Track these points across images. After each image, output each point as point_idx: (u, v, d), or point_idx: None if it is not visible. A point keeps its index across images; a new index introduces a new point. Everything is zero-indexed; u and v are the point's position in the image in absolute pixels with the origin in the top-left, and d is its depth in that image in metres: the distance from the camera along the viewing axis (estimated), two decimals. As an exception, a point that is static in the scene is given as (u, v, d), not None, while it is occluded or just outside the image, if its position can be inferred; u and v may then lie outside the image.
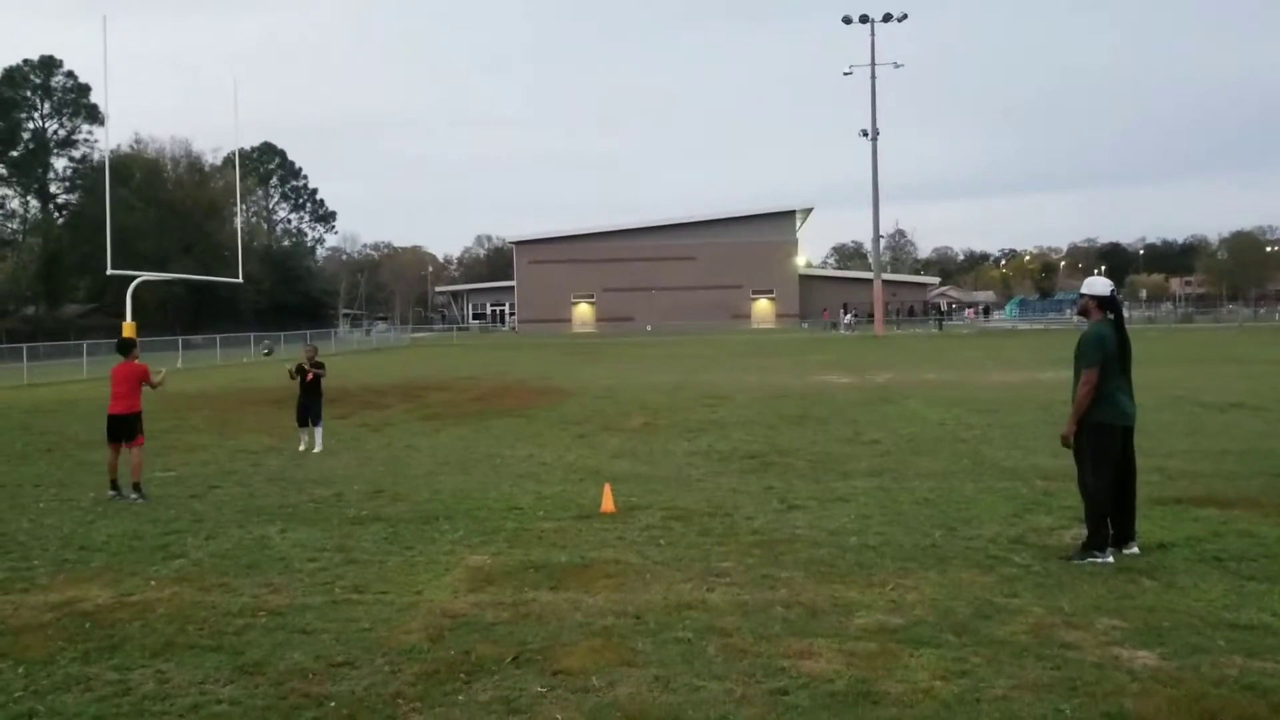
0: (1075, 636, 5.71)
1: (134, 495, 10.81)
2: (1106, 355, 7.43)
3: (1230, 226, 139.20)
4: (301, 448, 14.27)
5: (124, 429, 11.12)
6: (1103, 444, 7.40)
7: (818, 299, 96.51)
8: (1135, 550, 7.47)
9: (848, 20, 69.82)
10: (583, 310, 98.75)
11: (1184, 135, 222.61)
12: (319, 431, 14.50)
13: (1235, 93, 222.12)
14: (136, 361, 11.41)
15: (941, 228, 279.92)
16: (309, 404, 14.53)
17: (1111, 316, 7.63)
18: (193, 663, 5.60)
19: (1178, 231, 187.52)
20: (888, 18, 69.41)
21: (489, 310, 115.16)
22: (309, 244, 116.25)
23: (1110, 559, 7.26)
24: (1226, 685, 4.95)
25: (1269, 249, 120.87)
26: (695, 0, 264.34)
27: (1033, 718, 4.64)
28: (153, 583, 7.37)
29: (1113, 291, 7.77)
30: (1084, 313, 7.83)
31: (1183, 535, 7.99)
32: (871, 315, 73.08)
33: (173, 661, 5.63)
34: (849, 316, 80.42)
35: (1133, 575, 6.93)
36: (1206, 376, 24.41)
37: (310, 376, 14.65)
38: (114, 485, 11.00)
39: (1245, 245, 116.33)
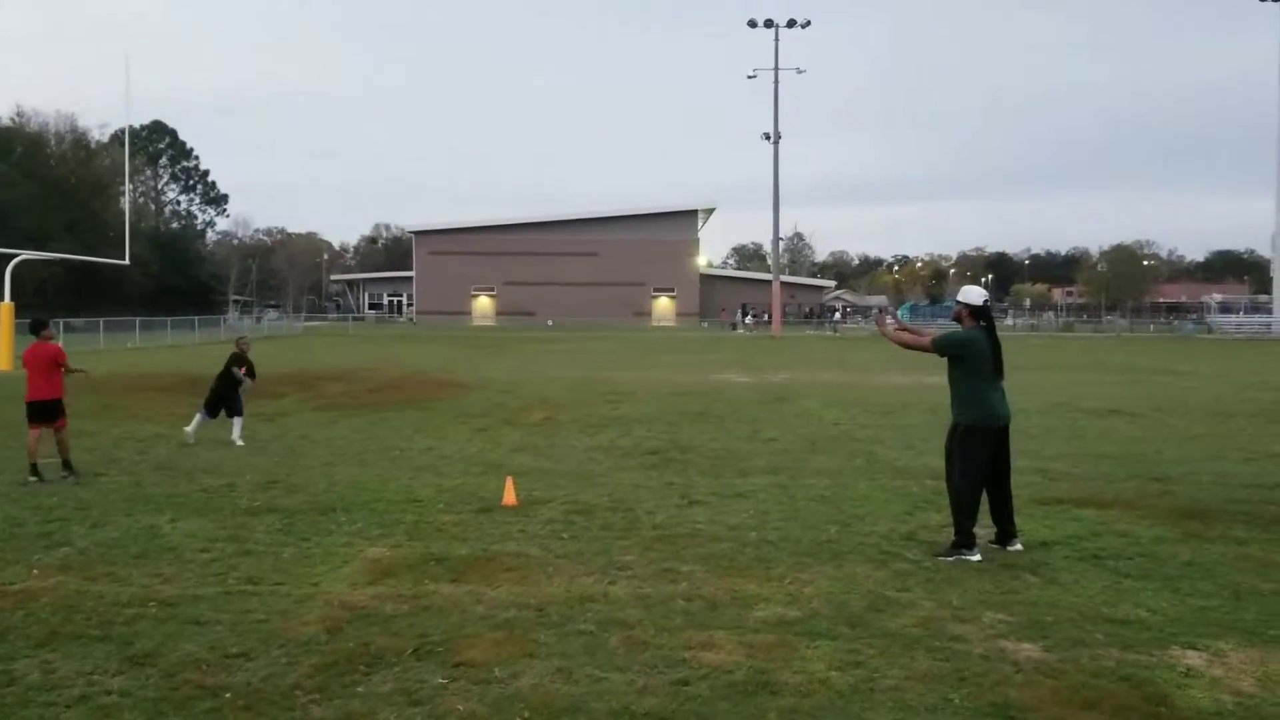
0: (963, 630, 5.92)
1: (65, 475, 10.59)
2: (969, 355, 7.77)
3: (1110, 240, 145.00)
4: (190, 440, 13.64)
5: (46, 413, 10.86)
6: (974, 445, 7.70)
7: (718, 298, 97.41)
8: (1019, 548, 7.77)
9: (753, 24, 70.70)
10: (483, 303, 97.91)
11: (1070, 150, 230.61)
12: (239, 423, 13.91)
13: (1119, 111, 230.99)
14: (50, 343, 11.09)
15: (838, 232, 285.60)
16: (231, 395, 14.02)
17: (984, 324, 7.93)
18: (80, 653, 5.45)
19: (1061, 243, 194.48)
20: (791, 24, 70.49)
21: (386, 300, 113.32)
22: (199, 227, 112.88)
23: (978, 557, 7.52)
24: (1104, 676, 5.19)
25: (1146, 262, 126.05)
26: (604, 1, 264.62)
27: (923, 707, 4.80)
28: (35, 571, 7.12)
29: (985, 301, 8.06)
30: (957, 319, 8.15)
31: (1064, 534, 8.33)
32: (770, 316, 74.15)
33: (59, 652, 5.47)
34: (749, 317, 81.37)
35: (1017, 572, 7.20)
36: (1086, 383, 25.40)
37: (242, 371, 14.14)
38: (34, 469, 10.67)
39: (1124, 258, 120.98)
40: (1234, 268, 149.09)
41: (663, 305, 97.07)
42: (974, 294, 8.07)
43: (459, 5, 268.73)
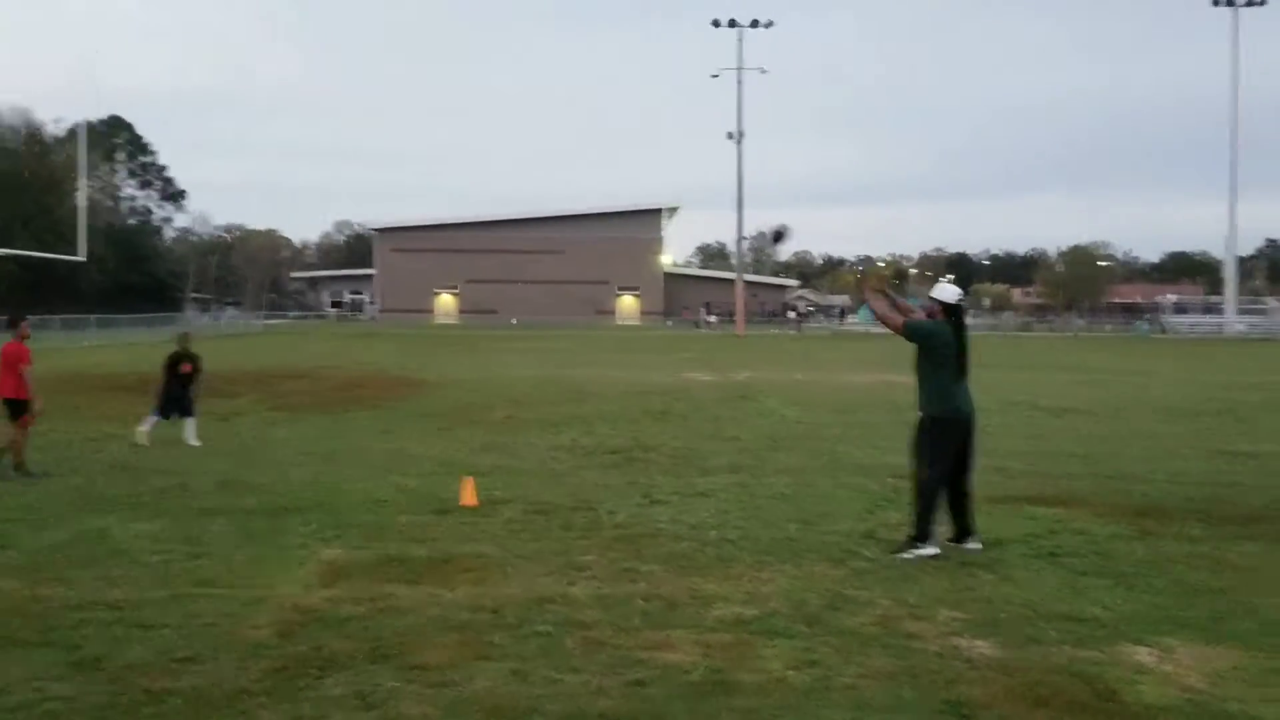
0: (919, 627, 5.94)
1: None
2: (936, 346, 7.82)
3: (1068, 241, 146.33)
4: (144, 441, 13.28)
5: (11, 410, 10.96)
6: (942, 437, 7.74)
7: (682, 297, 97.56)
8: (977, 546, 7.80)
9: (716, 24, 70.96)
10: (445, 301, 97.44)
11: (1030, 153, 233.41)
12: (191, 424, 13.59)
13: (1078, 115, 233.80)
14: (16, 341, 11.05)
15: (802, 232, 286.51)
16: (180, 396, 13.69)
17: (954, 322, 7.97)
18: (23, 659, 5.32)
19: (1020, 244, 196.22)
20: (755, 24, 70.79)
21: (347, 298, 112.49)
22: (157, 223, 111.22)
23: (935, 550, 7.57)
24: (1057, 673, 5.22)
25: (1102, 263, 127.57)
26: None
27: (878, 705, 4.80)
28: (-21, 576, 6.96)
29: (959, 300, 8.11)
30: (930, 315, 8.18)
31: (1020, 532, 8.38)
32: (733, 315, 74.37)
33: (1, 658, 5.34)
34: (712, 316, 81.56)
35: (972, 570, 7.23)
36: (1043, 382, 25.66)
37: (187, 368, 13.77)
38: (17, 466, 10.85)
39: (1081, 259, 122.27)
40: (1188, 269, 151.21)
41: (627, 304, 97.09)
42: (949, 292, 8.12)
43: (425, 1, 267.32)
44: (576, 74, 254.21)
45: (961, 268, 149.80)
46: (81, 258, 40.96)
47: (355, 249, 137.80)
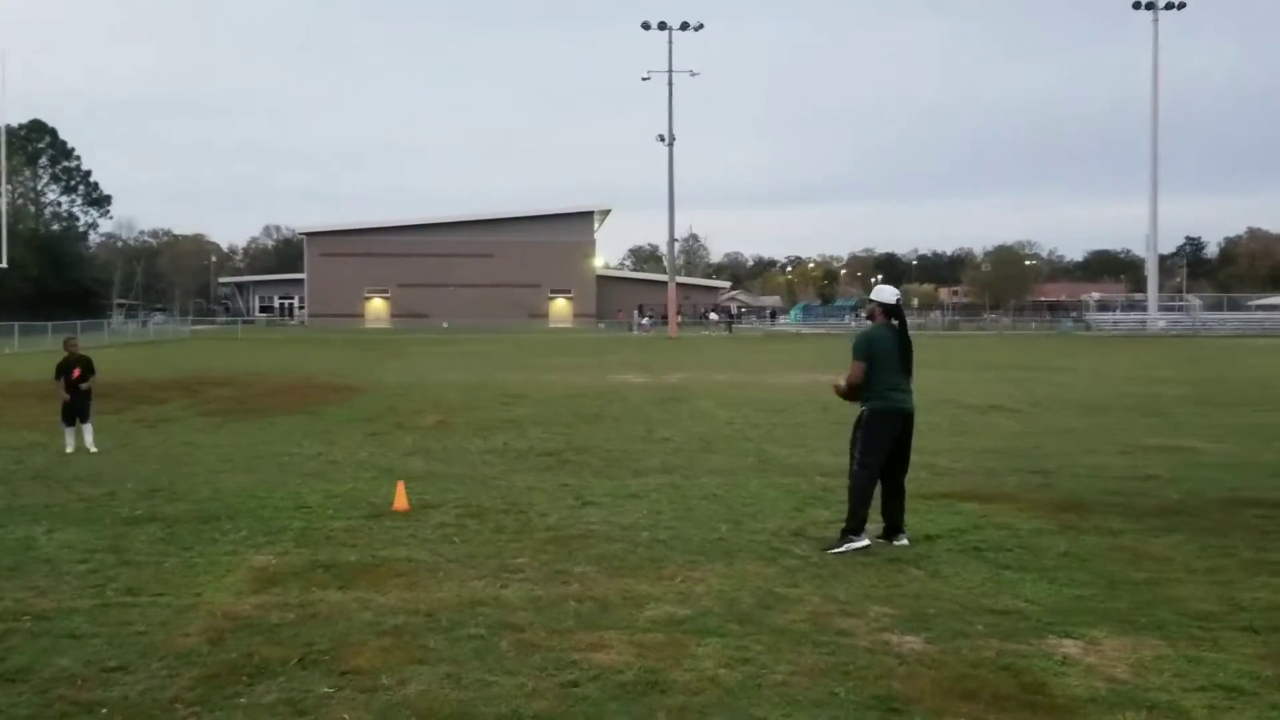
0: (849, 624, 6.05)
1: None
2: (876, 353, 7.93)
3: (994, 241, 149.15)
4: (69, 449, 13.17)
5: None
6: (876, 429, 7.89)
7: (615, 299, 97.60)
8: (905, 542, 7.97)
9: (646, 26, 71.21)
10: (376, 305, 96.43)
11: (955, 155, 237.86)
12: (89, 429, 13.46)
13: (1006, 117, 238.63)
14: None
15: (733, 234, 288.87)
16: (76, 401, 13.51)
17: (895, 322, 8.15)
18: (-55, 672, 5.21)
19: (947, 244, 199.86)
20: (685, 26, 71.13)
21: (277, 303, 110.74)
22: (81, 229, 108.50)
23: (866, 541, 7.74)
24: (984, 666, 5.35)
25: (1028, 263, 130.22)
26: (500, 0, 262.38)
27: (809, 701, 4.89)
28: (-102, 588, 6.78)
29: (898, 300, 8.31)
30: (870, 317, 8.37)
31: (947, 528, 8.57)
32: (666, 317, 74.63)
33: (-77, 671, 5.22)
34: (645, 318, 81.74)
35: (901, 565, 7.39)
36: (969, 380, 26.18)
37: (77, 373, 13.53)
38: None
39: (1007, 259, 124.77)
40: (1111, 267, 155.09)
41: (559, 307, 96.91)
42: (887, 293, 8.29)
43: (351, 2, 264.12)
44: (509, 76, 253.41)
45: (890, 268, 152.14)
46: (2, 264, 39.77)
47: (284, 253, 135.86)
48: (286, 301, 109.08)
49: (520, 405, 19.54)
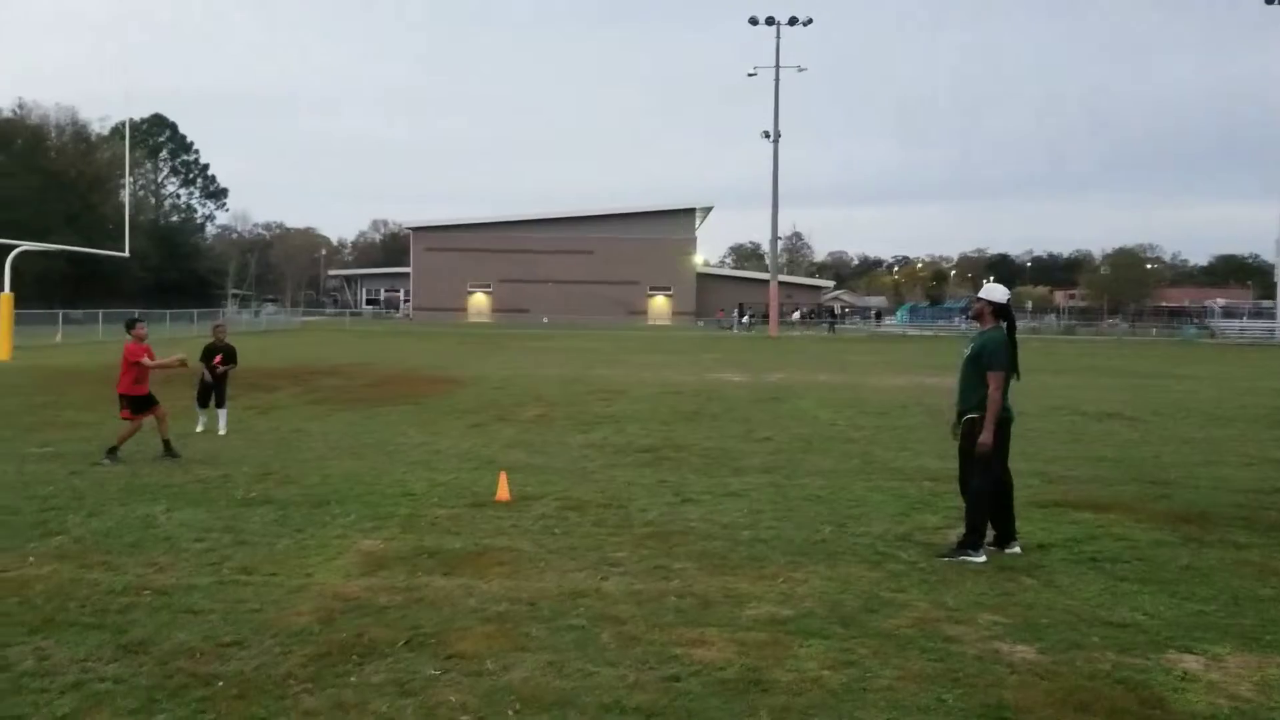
0: (958, 631, 5.90)
1: (105, 460, 11.26)
2: (1001, 354, 7.60)
3: (1113, 244, 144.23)
4: (199, 429, 13.87)
5: (133, 405, 11.57)
6: (1000, 439, 7.60)
7: (714, 298, 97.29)
8: (1017, 550, 7.74)
9: (754, 22, 70.65)
10: (478, 300, 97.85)
11: (1075, 152, 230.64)
12: (223, 414, 14.17)
13: (1127, 114, 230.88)
14: (133, 342, 11.68)
15: (838, 232, 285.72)
16: (214, 386, 14.11)
17: (1004, 324, 7.83)
18: (74, 640, 5.44)
19: (1063, 245, 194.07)
20: (793, 21, 70.49)
21: (383, 296, 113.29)
22: (198, 220, 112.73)
23: (983, 558, 7.50)
24: (1099, 679, 5.18)
25: (1149, 266, 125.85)
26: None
27: (916, 707, 4.78)
28: (31, 559, 7.12)
29: (1009, 300, 7.96)
30: (978, 317, 8.00)
31: (1061, 537, 8.32)
32: (766, 316, 74.16)
33: (53, 639, 5.46)
34: (745, 317, 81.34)
35: (1013, 574, 7.18)
36: (1085, 387, 25.38)
37: (218, 360, 14.21)
38: (167, 447, 11.68)
39: (1127, 261, 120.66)
40: (1238, 272, 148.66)
41: (659, 304, 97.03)
42: (998, 292, 7.94)
43: (457, 3, 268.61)
44: (612, 73, 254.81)
45: (1003, 269, 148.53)
46: (126, 254, 41.40)
47: (390, 248, 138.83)
48: (392, 294, 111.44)
49: (619, 401, 19.60)
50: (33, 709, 4.57)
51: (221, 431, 13.88)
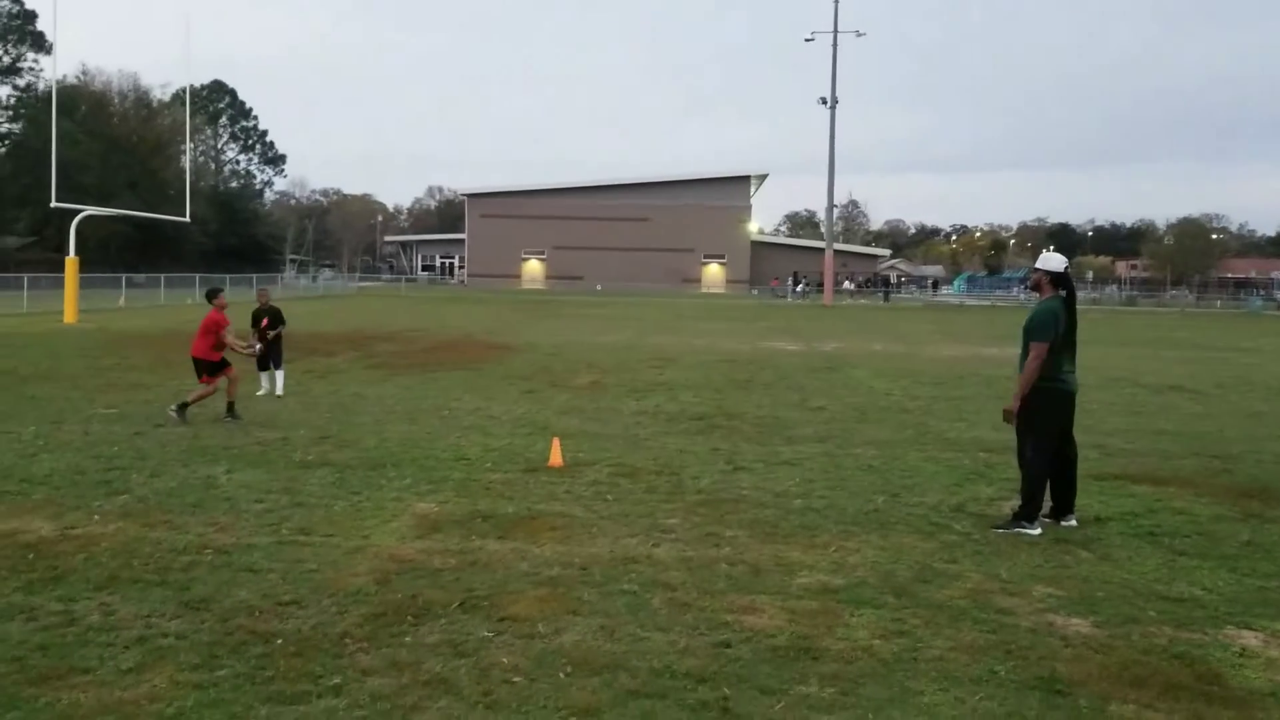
0: (1011, 603, 5.86)
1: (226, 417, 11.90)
2: (1057, 332, 7.53)
3: (1178, 213, 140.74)
4: (260, 392, 14.16)
5: (208, 368, 11.97)
6: (1051, 409, 7.51)
7: (769, 266, 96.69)
8: (1074, 523, 7.65)
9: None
10: (533, 266, 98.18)
11: (1138, 120, 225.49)
12: (280, 376, 14.47)
13: (1193, 83, 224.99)
14: (214, 310, 12.05)
15: (894, 200, 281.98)
16: (270, 348, 14.41)
17: (1063, 293, 7.70)
18: (138, 596, 5.59)
19: (1126, 215, 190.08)
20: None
21: (438, 262, 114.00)
22: (257, 186, 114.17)
23: (1038, 531, 7.41)
24: (1155, 654, 5.12)
25: (1214, 236, 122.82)
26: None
27: (968, 678, 4.76)
28: (96, 517, 7.31)
29: (1066, 268, 7.81)
30: (1036, 287, 7.85)
31: (1119, 510, 8.20)
32: (821, 284, 73.60)
33: (118, 595, 5.62)
34: (800, 285, 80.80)
35: (1069, 546, 7.10)
36: (1147, 359, 24.93)
37: (265, 322, 14.49)
38: (230, 409, 12.07)
39: (1192, 232, 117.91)
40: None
41: (712, 272, 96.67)
42: (1055, 261, 7.79)
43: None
44: (664, 40, 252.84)
45: (1064, 238, 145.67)
46: (186, 218, 42.13)
47: (446, 214, 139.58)
48: (447, 260, 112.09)
49: (671, 369, 19.61)
50: (99, 662, 4.71)
51: (279, 392, 14.15)
